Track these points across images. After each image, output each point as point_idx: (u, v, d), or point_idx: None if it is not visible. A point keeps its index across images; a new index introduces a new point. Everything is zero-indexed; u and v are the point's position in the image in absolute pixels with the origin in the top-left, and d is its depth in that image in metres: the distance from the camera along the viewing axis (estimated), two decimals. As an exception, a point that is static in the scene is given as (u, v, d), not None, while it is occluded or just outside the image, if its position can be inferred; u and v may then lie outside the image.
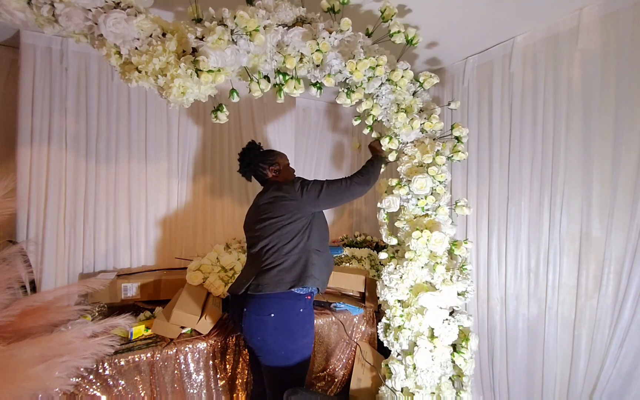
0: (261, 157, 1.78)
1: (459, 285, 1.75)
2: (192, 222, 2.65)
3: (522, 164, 1.93)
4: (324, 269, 1.66)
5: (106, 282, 2.04)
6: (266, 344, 1.52)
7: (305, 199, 1.61)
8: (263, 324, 1.51)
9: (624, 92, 1.53)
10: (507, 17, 1.76)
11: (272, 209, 1.62)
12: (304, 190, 1.61)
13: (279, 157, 1.82)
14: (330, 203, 1.67)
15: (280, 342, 1.52)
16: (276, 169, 1.79)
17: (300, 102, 3.16)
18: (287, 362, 1.54)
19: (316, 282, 1.59)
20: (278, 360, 1.54)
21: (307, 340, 1.62)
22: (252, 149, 1.82)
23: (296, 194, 1.61)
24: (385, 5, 1.54)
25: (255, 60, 1.43)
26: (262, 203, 1.68)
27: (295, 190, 1.62)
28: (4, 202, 1.21)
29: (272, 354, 1.54)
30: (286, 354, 1.54)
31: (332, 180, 1.67)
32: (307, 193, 1.61)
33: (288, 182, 1.68)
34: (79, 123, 2.16)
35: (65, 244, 2.12)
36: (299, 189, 1.62)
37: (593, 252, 1.66)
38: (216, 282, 2.12)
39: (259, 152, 1.81)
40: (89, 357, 1.17)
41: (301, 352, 1.58)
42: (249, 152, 1.81)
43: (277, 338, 1.51)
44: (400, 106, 1.80)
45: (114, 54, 1.24)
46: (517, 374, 1.99)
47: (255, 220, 1.67)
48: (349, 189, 1.67)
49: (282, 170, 1.80)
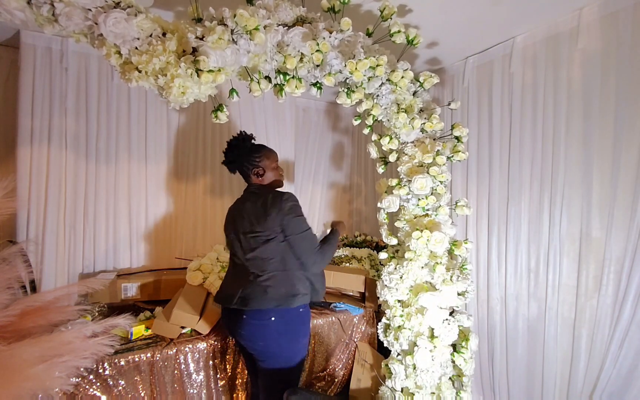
0: (246, 156, 1.62)
1: (459, 285, 1.75)
2: (192, 222, 2.64)
3: (522, 164, 1.93)
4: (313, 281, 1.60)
5: (106, 282, 2.04)
6: (269, 349, 1.51)
7: (284, 224, 1.49)
8: (264, 328, 1.48)
9: (623, 92, 1.53)
10: (507, 17, 1.76)
11: (254, 221, 1.53)
12: (283, 220, 1.49)
13: (265, 157, 1.65)
14: (296, 248, 1.52)
15: (282, 345, 1.50)
16: (259, 172, 1.63)
17: (300, 102, 3.16)
18: (289, 363, 1.53)
19: (305, 298, 1.54)
20: (280, 362, 1.53)
21: (306, 340, 1.62)
22: (238, 145, 1.64)
23: (276, 215, 1.49)
24: (385, 5, 1.54)
25: (256, 60, 1.43)
26: (245, 210, 1.60)
27: (276, 210, 1.49)
28: (4, 202, 1.21)
29: (275, 358, 1.52)
30: (288, 355, 1.53)
31: (309, 236, 1.53)
32: (287, 224, 1.49)
33: (273, 193, 1.55)
34: (79, 123, 2.16)
35: (65, 244, 2.12)
36: (280, 213, 1.48)
37: (593, 252, 1.66)
38: (216, 282, 2.11)
39: (245, 148, 1.64)
40: (89, 357, 1.17)
41: (300, 353, 1.58)
42: (235, 148, 1.64)
43: (280, 341, 1.50)
44: (401, 106, 1.80)
45: (114, 54, 1.24)
46: (517, 374, 1.99)
47: (237, 228, 1.61)
48: (317, 256, 1.53)
49: (265, 174, 1.64)
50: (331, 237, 1.69)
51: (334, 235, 1.71)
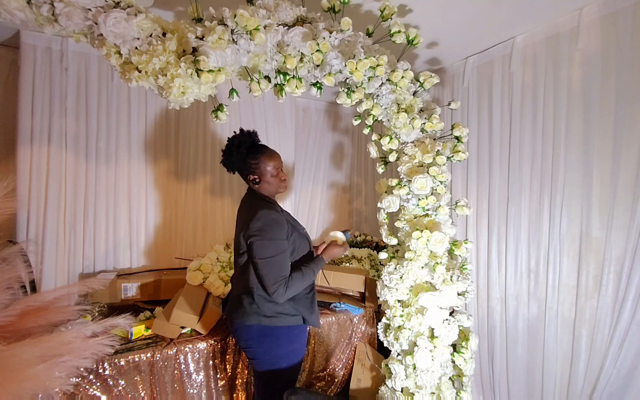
0: (241, 160, 1.51)
1: (459, 285, 1.75)
2: (192, 222, 2.64)
3: (522, 164, 1.93)
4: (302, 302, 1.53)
5: (106, 282, 2.05)
6: (251, 348, 1.52)
7: (250, 246, 1.43)
8: (247, 328, 1.49)
9: (623, 91, 1.53)
10: (507, 17, 1.76)
11: (240, 231, 1.48)
12: (249, 241, 1.42)
13: (262, 163, 1.51)
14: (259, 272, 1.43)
15: (264, 347, 1.50)
16: (255, 180, 1.52)
17: (300, 102, 3.16)
18: (272, 366, 1.52)
19: (294, 319, 1.49)
20: (263, 364, 1.52)
21: (295, 346, 1.56)
22: (232, 148, 1.50)
23: (244, 234, 1.43)
24: (385, 5, 1.54)
25: (256, 60, 1.43)
26: (240, 215, 1.56)
27: (244, 230, 1.43)
28: (4, 202, 1.21)
29: (257, 359, 1.53)
30: (271, 359, 1.51)
31: (274, 263, 1.40)
32: (251, 246, 1.42)
33: (255, 208, 1.44)
34: (79, 123, 2.16)
35: (65, 244, 2.12)
36: (246, 233, 1.42)
37: (593, 252, 1.66)
38: (216, 282, 2.11)
39: (238, 152, 1.50)
40: (89, 357, 1.17)
41: (288, 358, 1.54)
42: (230, 151, 1.51)
43: (261, 342, 1.49)
44: (401, 106, 1.80)
45: (114, 54, 1.24)
46: (517, 374, 1.99)
47: (236, 230, 1.57)
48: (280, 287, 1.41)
49: (262, 183, 1.53)
50: (310, 266, 1.52)
51: (315, 265, 1.55)
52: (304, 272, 1.48)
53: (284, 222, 1.46)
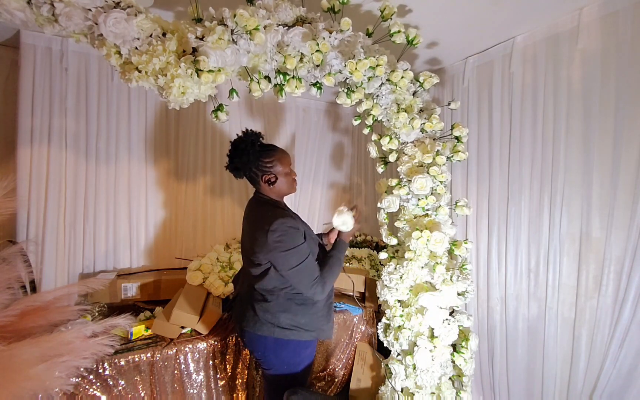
0: (256, 160, 1.44)
1: (459, 285, 1.75)
2: (192, 222, 2.64)
3: (522, 164, 1.93)
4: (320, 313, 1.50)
5: (106, 282, 2.05)
6: (268, 359, 1.51)
7: (273, 261, 1.40)
8: (261, 340, 1.46)
9: (624, 92, 1.53)
10: (507, 17, 1.76)
11: (252, 240, 1.43)
12: (271, 256, 1.38)
13: (278, 161, 1.46)
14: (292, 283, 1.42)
15: (282, 357, 1.49)
16: (270, 180, 1.46)
17: (300, 102, 3.16)
18: (289, 372, 1.52)
19: (307, 334, 1.47)
20: (281, 371, 1.52)
21: (309, 351, 1.57)
22: (246, 148, 1.42)
23: (263, 249, 1.38)
24: (385, 5, 1.54)
25: (256, 60, 1.43)
26: (249, 221, 1.51)
27: (261, 246, 1.38)
28: (4, 202, 1.21)
29: (275, 368, 1.52)
30: (289, 367, 1.51)
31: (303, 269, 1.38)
32: (275, 261, 1.39)
33: (265, 218, 1.38)
34: (79, 123, 2.16)
35: (65, 244, 2.12)
36: (265, 248, 1.37)
37: (593, 252, 1.66)
38: (216, 282, 2.12)
39: (254, 152, 1.43)
40: (89, 357, 1.17)
41: (304, 362, 1.55)
42: (243, 152, 1.42)
43: (279, 353, 1.48)
44: (401, 106, 1.80)
45: (114, 54, 1.24)
46: (517, 374, 1.99)
47: (243, 232, 1.55)
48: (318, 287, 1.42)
49: (277, 182, 1.48)
50: (334, 255, 1.52)
51: (338, 251, 1.54)
52: (331, 259, 1.51)
53: (300, 226, 1.43)
